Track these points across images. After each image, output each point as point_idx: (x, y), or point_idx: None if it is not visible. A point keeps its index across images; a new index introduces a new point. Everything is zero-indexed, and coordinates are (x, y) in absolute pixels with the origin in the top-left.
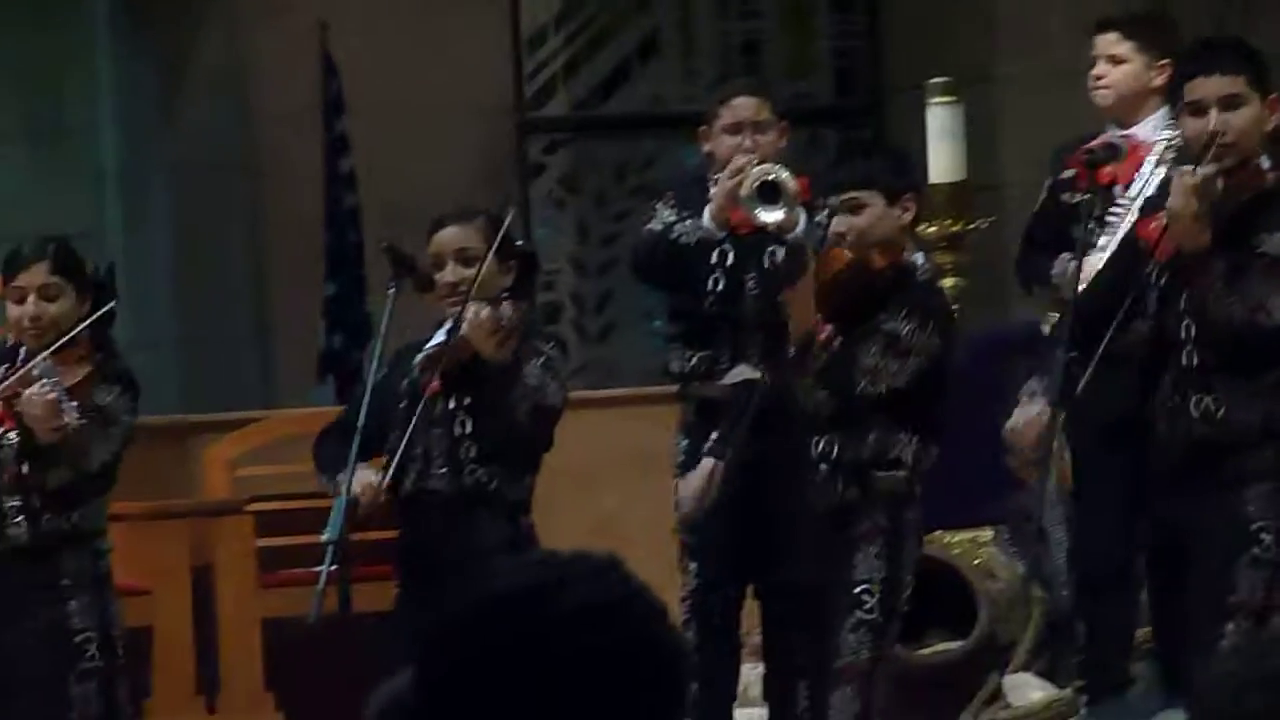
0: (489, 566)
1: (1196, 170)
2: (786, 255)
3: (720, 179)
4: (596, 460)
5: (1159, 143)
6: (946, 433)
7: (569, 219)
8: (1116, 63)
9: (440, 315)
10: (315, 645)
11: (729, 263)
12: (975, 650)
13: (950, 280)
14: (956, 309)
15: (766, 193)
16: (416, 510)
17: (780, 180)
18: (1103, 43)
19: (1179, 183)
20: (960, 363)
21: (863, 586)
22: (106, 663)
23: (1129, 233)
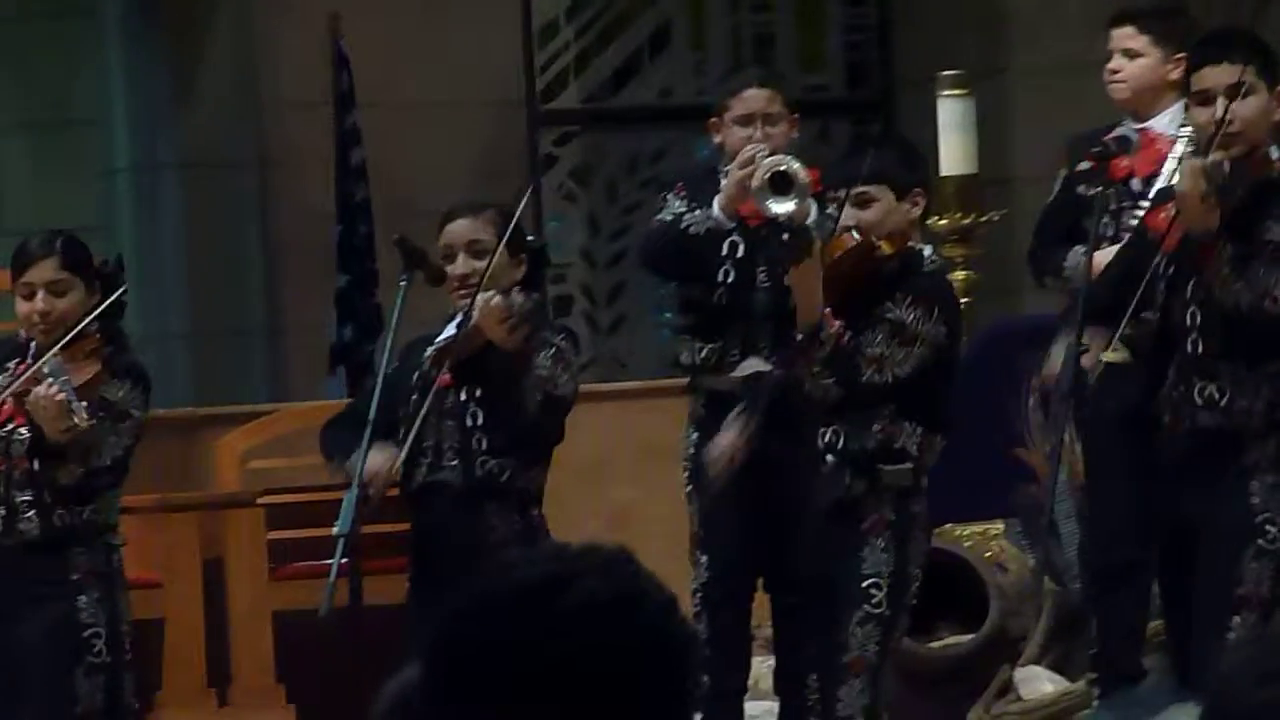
0: (500, 559)
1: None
2: (790, 235)
3: (730, 169)
4: (607, 453)
5: (1178, 138)
6: (958, 426)
7: (580, 211)
8: (1132, 56)
9: (450, 309)
10: (326, 638)
11: (739, 254)
12: (986, 643)
13: (961, 273)
14: (967, 302)
15: (778, 184)
16: (427, 503)
17: (792, 171)
18: (1118, 36)
19: (1186, 165)
20: (971, 356)
21: (870, 580)
22: (113, 658)
23: (1139, 224)
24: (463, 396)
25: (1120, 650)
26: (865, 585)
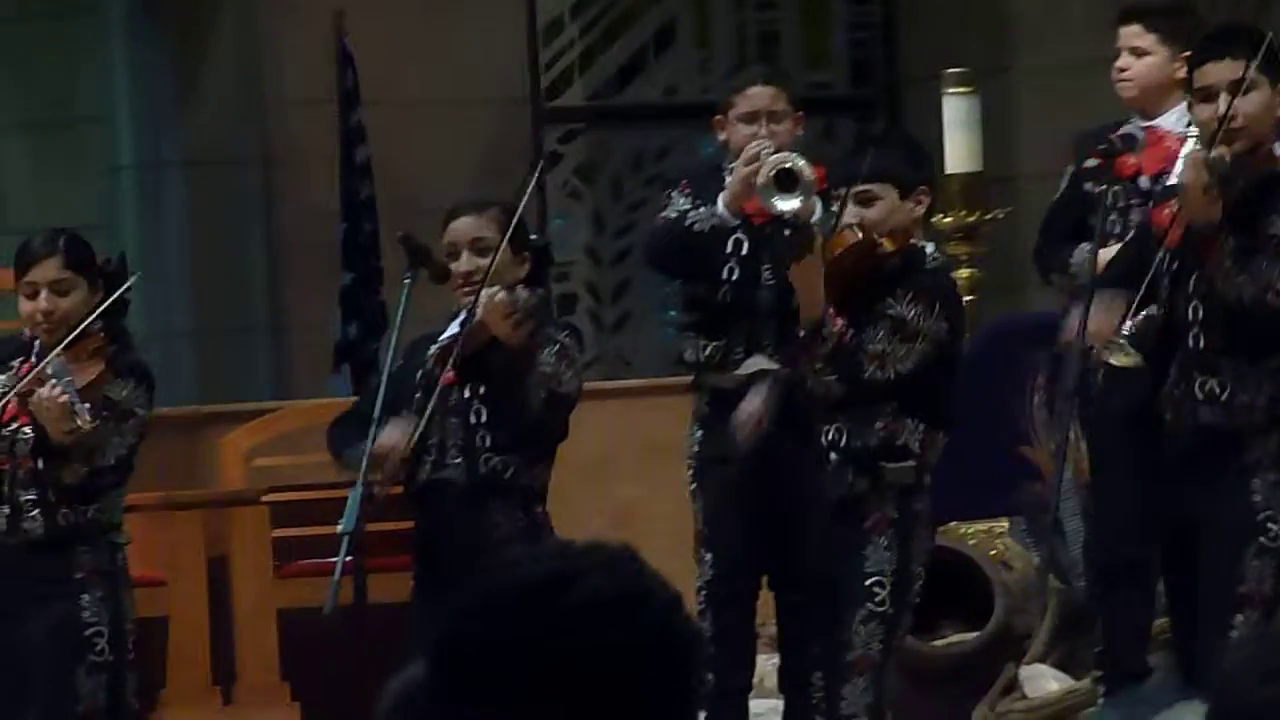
0: (504, 556)
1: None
2: (791, 231)
3: (735, 166)
4: (611, 450)
5: (1186, 135)
6: (963, 424)
7: (584, 209)
8: (1140, 55)
9: (454, 307)
10: (330, 636)
11: (744, 252)
12: (991, 641)
13: (966, 271)
14: (972, 299)
15: (783, 181)
16: (432, 500)
17: (797, 169)
18: (1126, 35)
19: (1188, 156)
20: (975, 353)
21: (874, 579)
22: (116, 657)
23: (1142, 220)
24: (466, 394)
25: (1125, 648)
26: (868, 584)
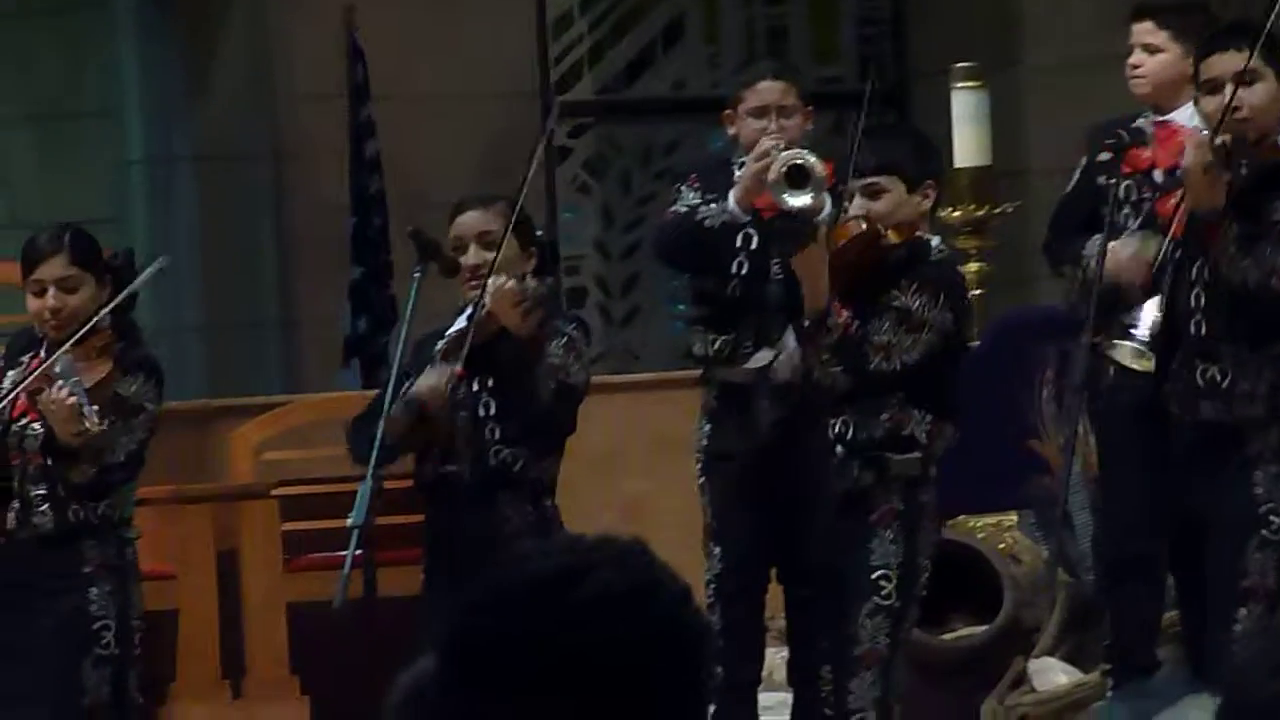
0: (514, 550)
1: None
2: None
3: (746, 162)
4: (620, 444)
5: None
6: (971, 418)
7: (593, 203)
8: (1152, 51)
9: (461, 301)
10: (340, 629)
11: (753, 246)
12: (1000, 635)
13: (974, 265)
14: (980, 293)
15: (794, 177)
16: (441, 494)
17: (808, 165)
18: (1139, 31)
19: (1191, 139)
20: (984, 347)
21: (880, 572)
22: (121, 651)
23: (1148, 211)
24: (475, 387)
25: (1134, 642)
26: (875, 577)
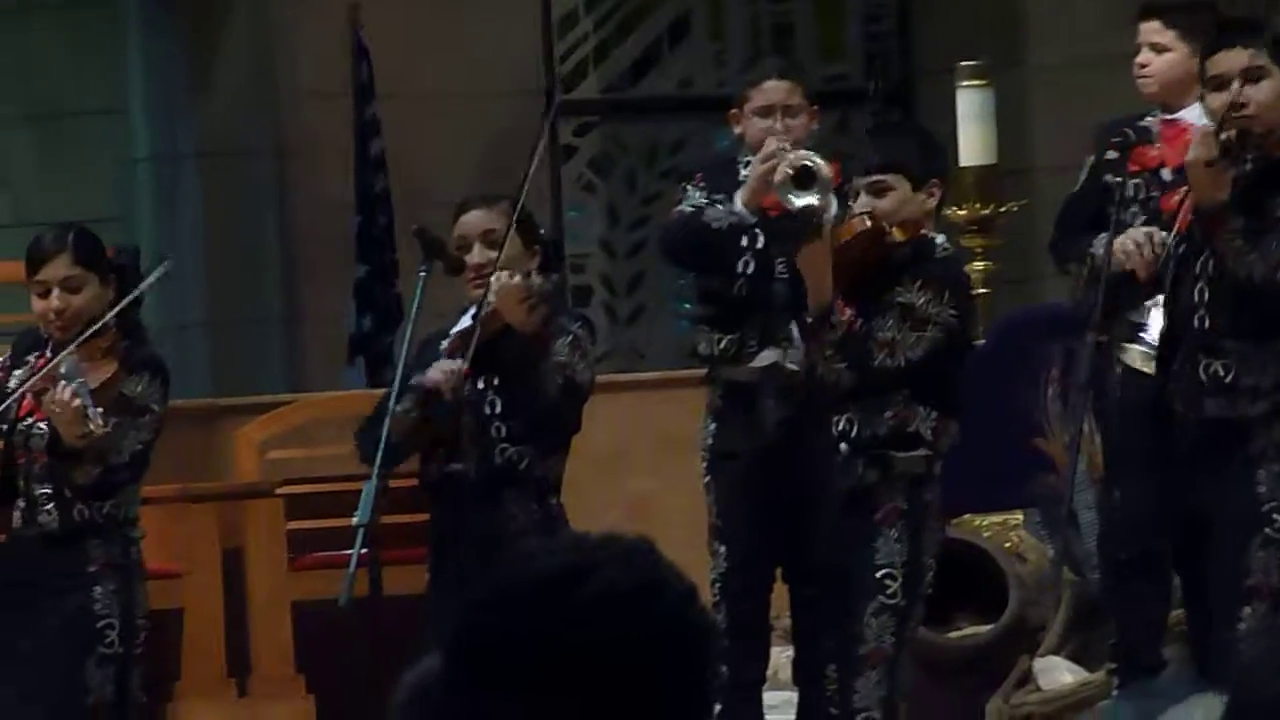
0: (520, 548)
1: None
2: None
3: (752, 164)
4: (625, 443)
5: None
6: (977, 416)
7: (599, 202)
8: (1159, 51)
9: (465, 301)
10: (345, 628)
11: (759, 245)
12: (1005, 634)
13: (980, 263)
14: (986, 292)
15: (801, 179)
16: (447, 492)
17: (815, 166)
18: (1146, 30)
19: (1196, 131)
20: (990, 346)
21: (885, 571)
22: (125, 650)
23: (1153, 207)
24: (480, 385)
25: (1139, 641)
26: (880, 576)
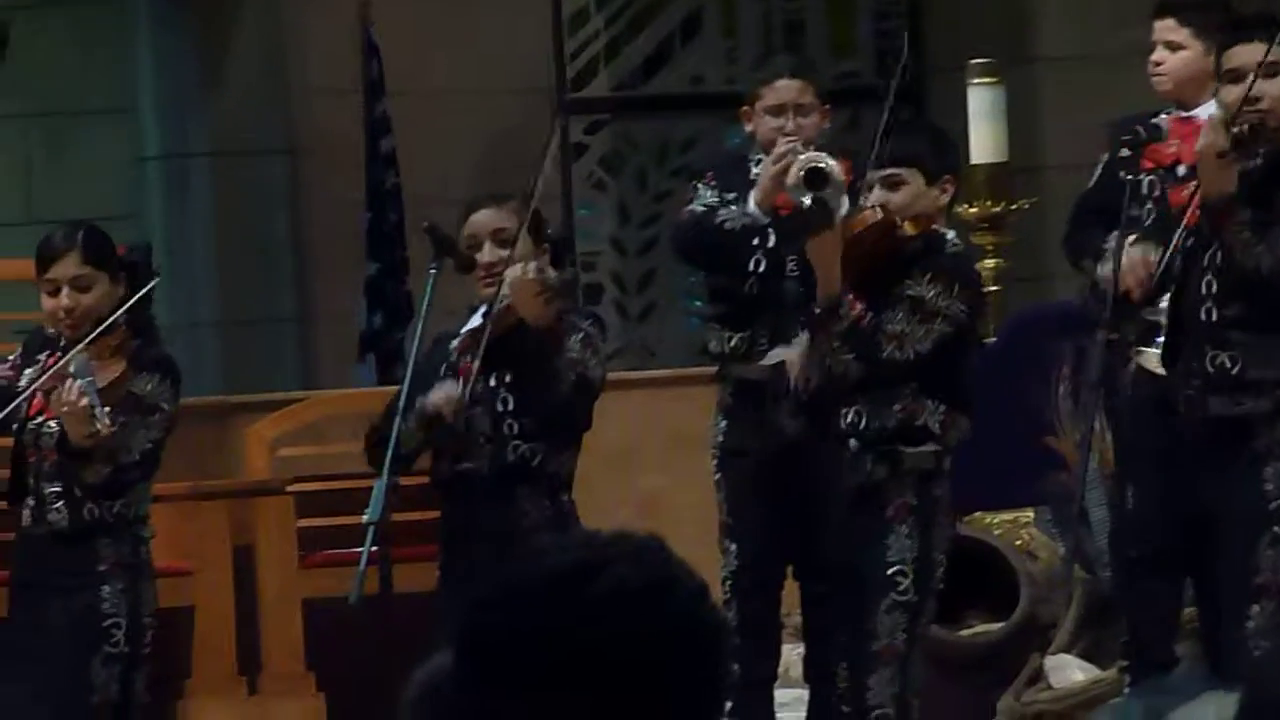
0: (531, 545)
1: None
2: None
3: (764, 164)
4: (636, 440)
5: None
6: (988, 414)
7: (609, 200)
8: (1174, 49)
9: (475, 299)
10: (356, 626)
11: (769, 244)
12: (1016, 631)
13: (991, 261)
14: (997, 289)
15: (812, 180)
16: (458, 490)
17: (827, 168)
18: (1160, 28)
19: (1207, 121)
20: (1001, 343)
21: (896, 568)
22: (131, 649)
23: (1163, 202)
24: (492, 382)
25: (1151, 638)
26: (891, 573)
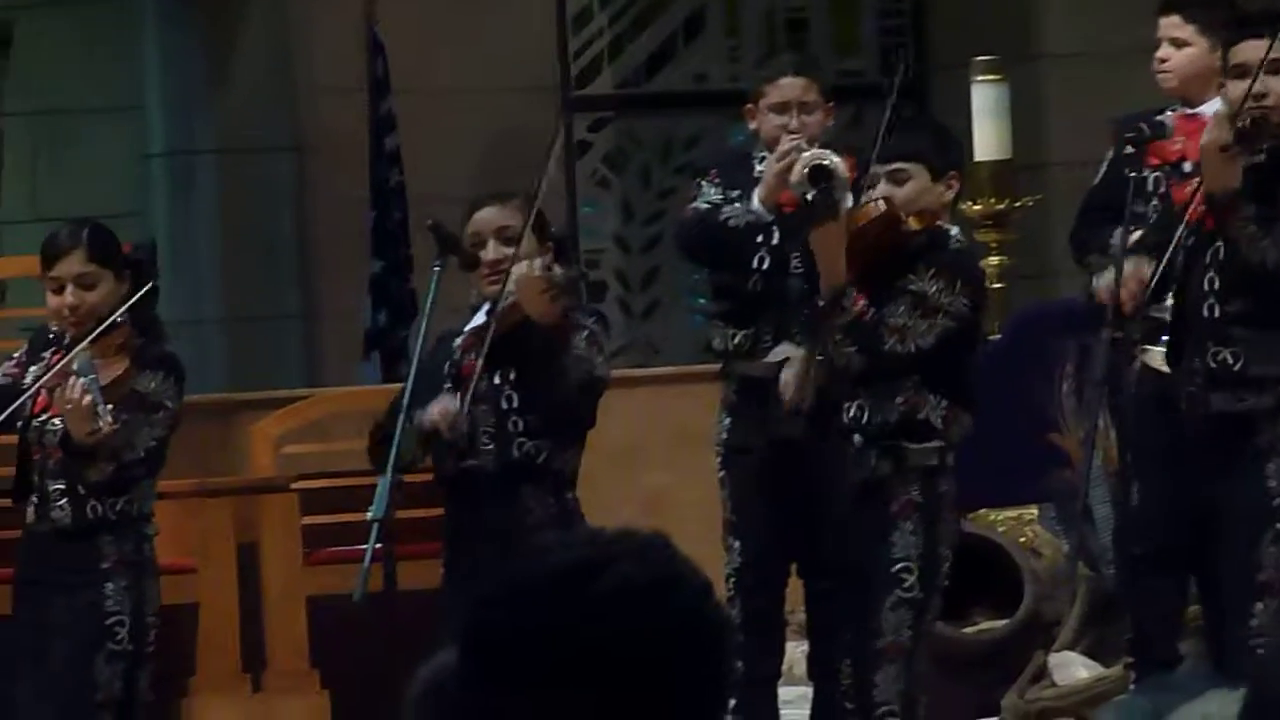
0: (535, 543)
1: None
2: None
3: (768, 162)
4: (640, 438)
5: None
6: (992, 411)
7: (613, 197)
8: (1179, 46)
9: (477, 298)
10: (360, 623)
11: (774, 241)
12: (1021, 628)
13: (995, 258)
14: (1001, 287)
15: (816, 178)
16: (463, 487)
17: (831, 165)
18: (1166, 25)
19: (1212, 116)
20: (1004, 340)
21: (901, 565)
22: (135, 647)
23: (1166, 198)
24: (497, 380)
25: (1155, 636)
26: (896, 570)
